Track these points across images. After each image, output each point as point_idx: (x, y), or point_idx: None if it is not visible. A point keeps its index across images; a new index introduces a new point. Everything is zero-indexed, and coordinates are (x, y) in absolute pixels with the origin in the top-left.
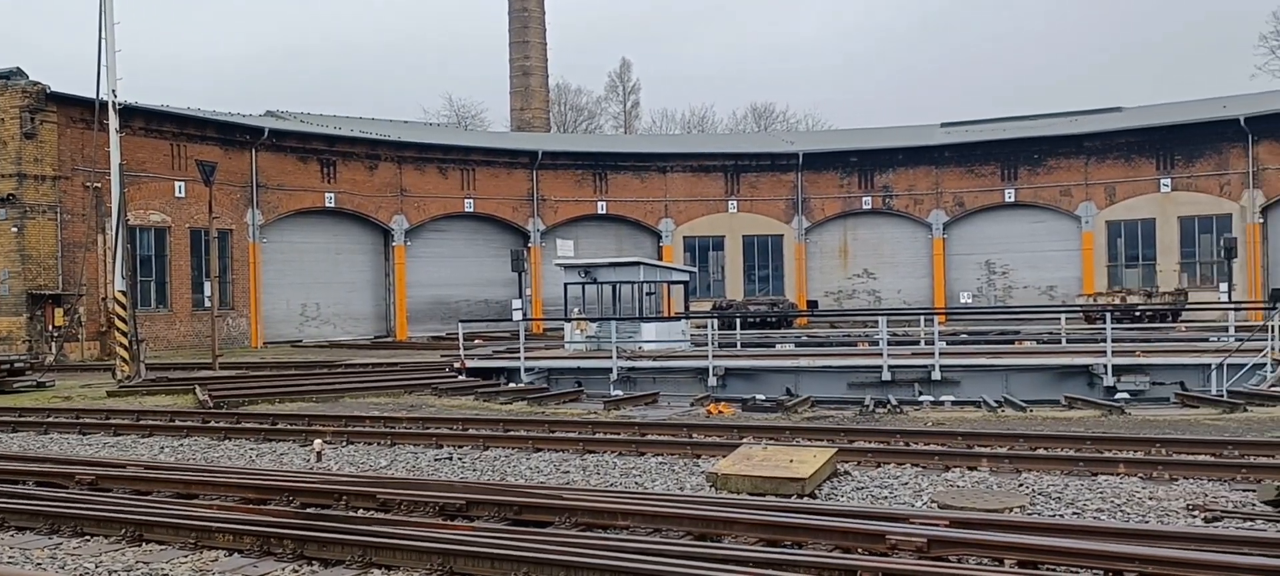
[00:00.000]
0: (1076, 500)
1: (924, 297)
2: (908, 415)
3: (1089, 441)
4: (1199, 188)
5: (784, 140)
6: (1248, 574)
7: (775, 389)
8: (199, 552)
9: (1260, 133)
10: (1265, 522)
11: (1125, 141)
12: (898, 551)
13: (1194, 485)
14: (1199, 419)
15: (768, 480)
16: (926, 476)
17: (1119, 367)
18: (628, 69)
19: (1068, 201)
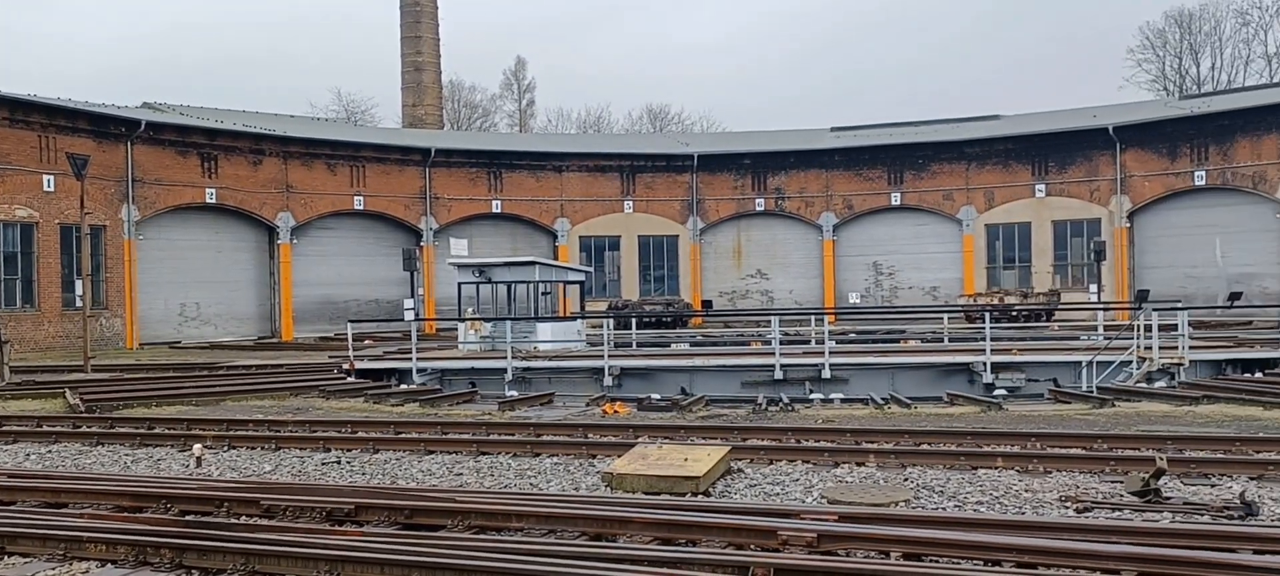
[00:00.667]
0: (958, 493)
1: (815, 298)
2: (799, 413)
3: (970, 436)
4: (1071, 193)
5: (679, 142)
6: (1116, 561)
7: (670, 388)
8: (68, 564)
9: (1127, 141)
10: (1132, 512)
11: (1003, 148)
12: (789, 547)
13: (1067, 477)
14: (1071, 414)
15: (663, 479)
16: (817, 473)
17: (997, 365)
18: (523, 67)
19: (950, 205)
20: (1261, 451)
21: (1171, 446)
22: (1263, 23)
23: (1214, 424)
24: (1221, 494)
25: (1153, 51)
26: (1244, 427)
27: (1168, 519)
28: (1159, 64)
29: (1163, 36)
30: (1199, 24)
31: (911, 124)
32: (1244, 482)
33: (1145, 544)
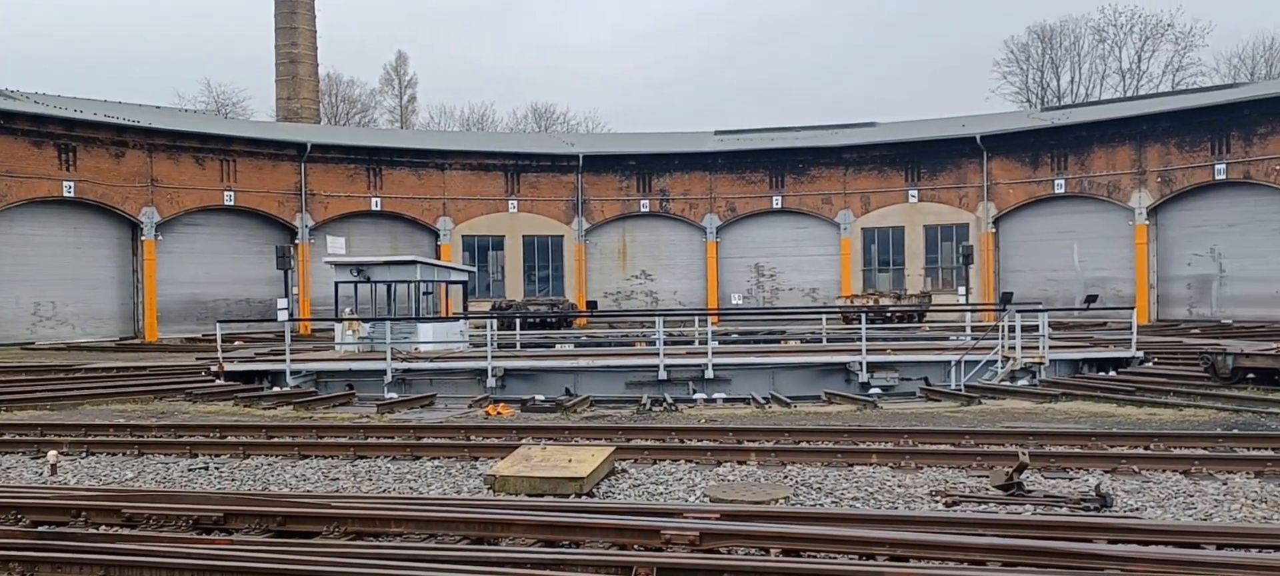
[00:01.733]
0: (835, 489)
1: (698, 298)
2: (682, 413)
3: (846, 434)
4: (941, 199)
5: (565, 142)
6: (982, 552)
7: (555, 389)
8: None
9: (993, 150)
10: (997, 505)
11: (879, 155)
12: (672, 545)
13: (937, 472)
14: (941, 411)
15: (546, 480)
16: (700, 472)
17: (872, 365)
18: (404, 62)
19: (828, 209)
20: (1115, 446)
21: (1033, 442)
22: (1117, 40)
23: (1072, 420)
24: (1079, 487)
25: (1017, 65)
26: (1099, 423)
27: (1030, 511)
28: (1022, 77)
29: (1026, 50)
30: (1059, 39)
31: (792, 129)
32: (1099, 476)
33: (1009, 536)
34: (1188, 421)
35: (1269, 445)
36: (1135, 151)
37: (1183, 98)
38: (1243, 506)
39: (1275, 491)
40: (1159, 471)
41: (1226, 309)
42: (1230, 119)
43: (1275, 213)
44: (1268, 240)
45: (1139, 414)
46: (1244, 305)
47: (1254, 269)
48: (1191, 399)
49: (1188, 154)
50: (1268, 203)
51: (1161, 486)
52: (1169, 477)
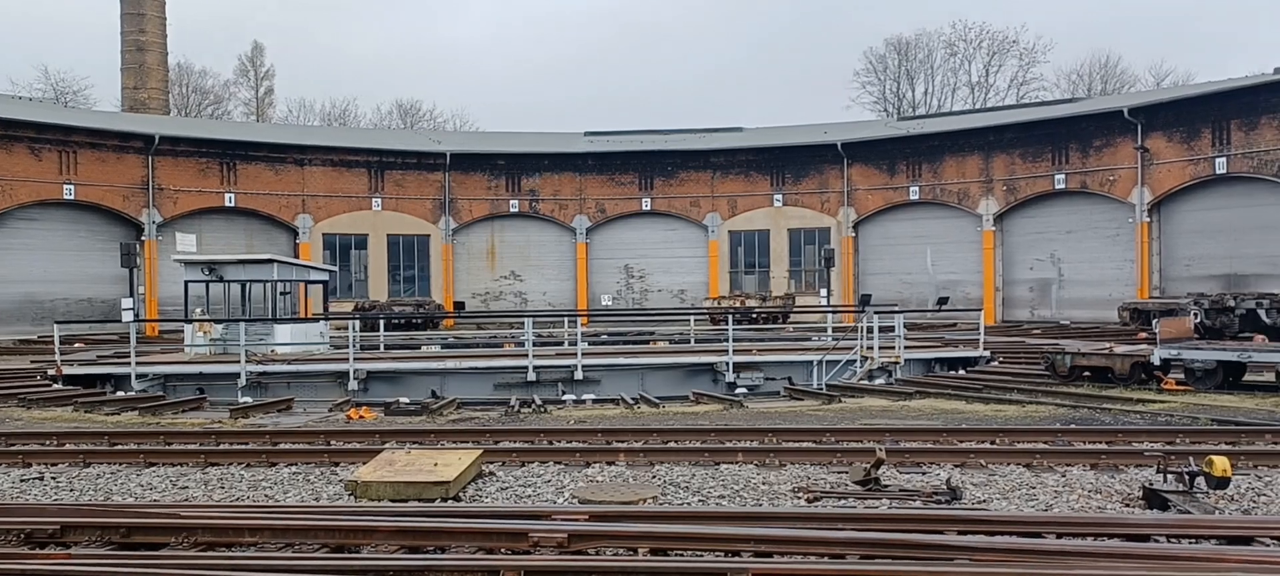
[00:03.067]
0: (702, 488)
1: (568, 299)
2: (551, 414)
3: (713, 433)
4: (805, 203)
5: (432, 139)
6: (842, 546)
7: (420, 392)
8: None
9: (853, 157)
10: (856, 500)
11: (745, 159)
12: (540, 548)
13: (799, 469)
14: (804, 410)
15: (411, 485)
16: (569, 473)
17: (739, 365)
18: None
19: (697, 211)
20: (964, 441)
21: (889, 438)
22: (967, 55)
23: (925, 417)
24: (931, 481)
25: (875, 75)
26: (949, 420)
27: (886, 505)
28: (880, 87)
29: (883, 62)
30: (914, 52)
31: (662, 132)
32: (950, 470)
33: (867, 529)
34: (1030, 417)
35: (1102, 439)
36: (983, 161)
37: (1026, 111)
38: (1079, 496)
39: (1108, 482)
40: (1004, 465)
41: (1065, 310)
42: (1069, 132)
43: (1108, 220)
44: (1101, 246)
45: (986, 410)
46: (1080, 307)
47: (1089, 273)
48: (1033, 396)
49: (1030, 164)
50: (1102, 211)
51: (1006, 479)
52: (1013, 470)
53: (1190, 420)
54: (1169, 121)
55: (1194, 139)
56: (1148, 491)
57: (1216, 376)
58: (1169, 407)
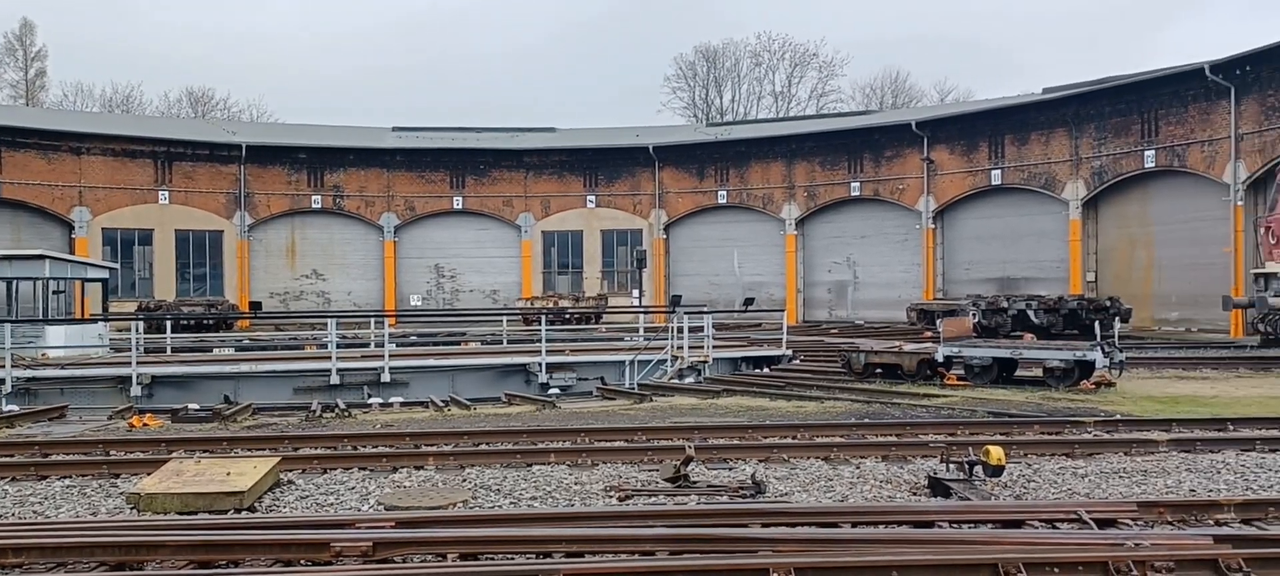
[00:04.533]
0: (514, 490)
1: (375, 300)
2: (356, 418)
3: (525, 434)
4: (618, 205)
5: (226, 130)
6: (652, 542)
7: (212, 397)
8: None
9: (665, 160)
10: (666, 497)
11: (559, 159)
12: (342, 558)
13: (611, 468)
14: (616, 409)
15: (201, 496)
16: (374, 479)
17: (552, 365)
18: (31, 31)
19: (510, 211)
20: (768, 437)
21: (698, 436)
22: (771, 65)
23: (732, 414)
24: (738, 475)
25: (685, 81)
26: (755, 416)
27: (695, 501)
28: (690, 93)
29: (693, 69)
30: (722, 60)
31: (474, 130)
32: (755, 464)
33: (676, 525)
34: (828, 412)
35: (893, 432)
36: (786, 167)
37: (825, 121)
38: (872, 486)
39: (898, 472)
40: (805, 458)
41: (860, 311)
42: (863, 142)
43: (898, 226)
44: (892, 251)
45: (788, 407)
46: (874, 308)
47: (881, 275)
48: (831, 392)
49: (829, 172)
50: (892, 217)
51: (807, 472)
52: (813, 464)
53: (969, 413)
54: (952, 135)
55: (973, 152)
56: (932, 480)
57: (992, 372)
58: (951, 402)
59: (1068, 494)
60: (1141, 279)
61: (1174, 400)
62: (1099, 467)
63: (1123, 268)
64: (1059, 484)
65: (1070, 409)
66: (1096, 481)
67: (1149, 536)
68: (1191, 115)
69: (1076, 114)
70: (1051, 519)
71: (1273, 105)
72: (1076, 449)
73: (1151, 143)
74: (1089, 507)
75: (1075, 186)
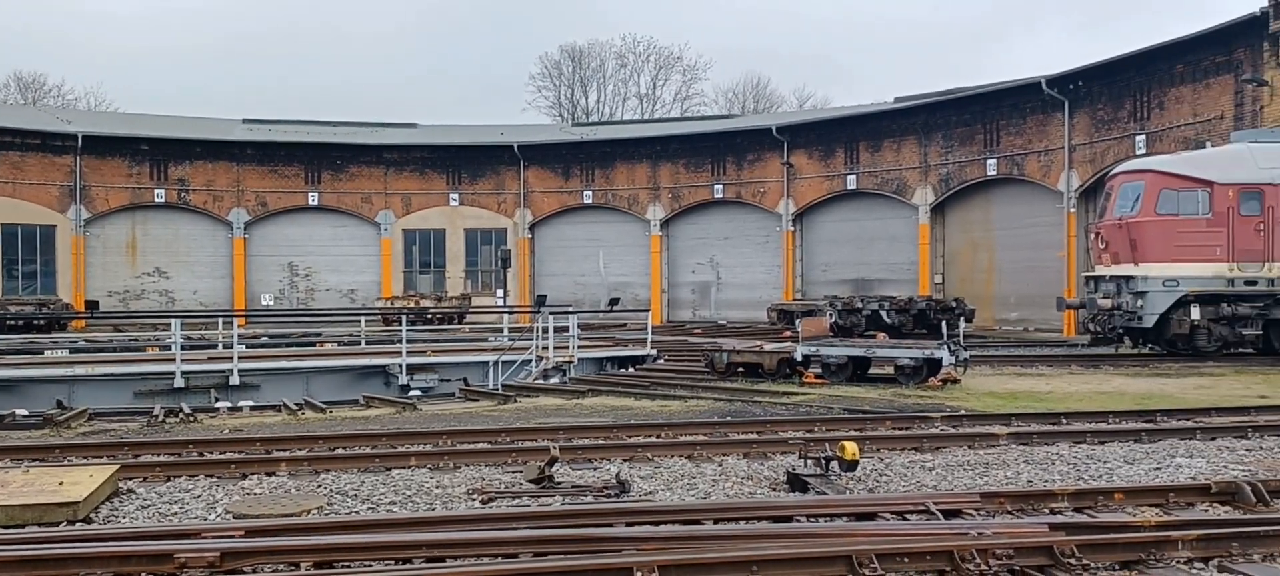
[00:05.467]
0: (372, 496)
1: (224, 299)
2: (203, 423)
3: (385, 438)
4: (482, 204)
5: (59, 118)
6: (515, 545)
7: (43, 402)
8: None
9: (530, 159)
10: (530, 499)
11: (421, 156)
12: (187, 569)
13: (475, 471)
14: (479, 411)
15: (30, 508)
16: (222, 486)
17: (412, 366)
18: None
19: (369, 208)
20: (633, 436)
21: (563, 436)
22: (636, 67)
23: (597, 414)
24: (602, 475)
25: (550, 80)
26: (619, 416)
27: (559, 502)
28: (556, 92)
29: (558, 68)
30: (588, 60)
31: (330, 124)
32: (619, 464)
33: (540, 526)
34: (692, 411)
35: (754, 429)
36: (651, 169)
37: (689, 124)
38: (734, 483)
39: (758, 469)
40: (669, 457)
41: (723, 311)
42: (726, 145)
43: (759, 228)
44: (754, 252)
45: (653, 406)
46: (736, 308)
47: (743, 276)
48: (695, 391)
49: (693, 174)
50: (754, 220)
51: (671, 470)
52: (677, 462)
53: (826, 410)
54: (810, 140)
55: (830, 157)
56: (791, 475)
57: (848, 370)
58: (809, 399)
59: (917, 486)
60: (984, 280)
61: (1013, 396)
62: (945, 461)
63: (967, 270)
64: (909, 477)
65: (919, 405)
66: (943, 474)
67: (991, 525)
68: (1029, 126)
69: (925, 123)
70: (902, 510)
71: (1102, 118)
72: (925, 443)
73: (993, 152)
74: (936, 499)
75: (924, 192)
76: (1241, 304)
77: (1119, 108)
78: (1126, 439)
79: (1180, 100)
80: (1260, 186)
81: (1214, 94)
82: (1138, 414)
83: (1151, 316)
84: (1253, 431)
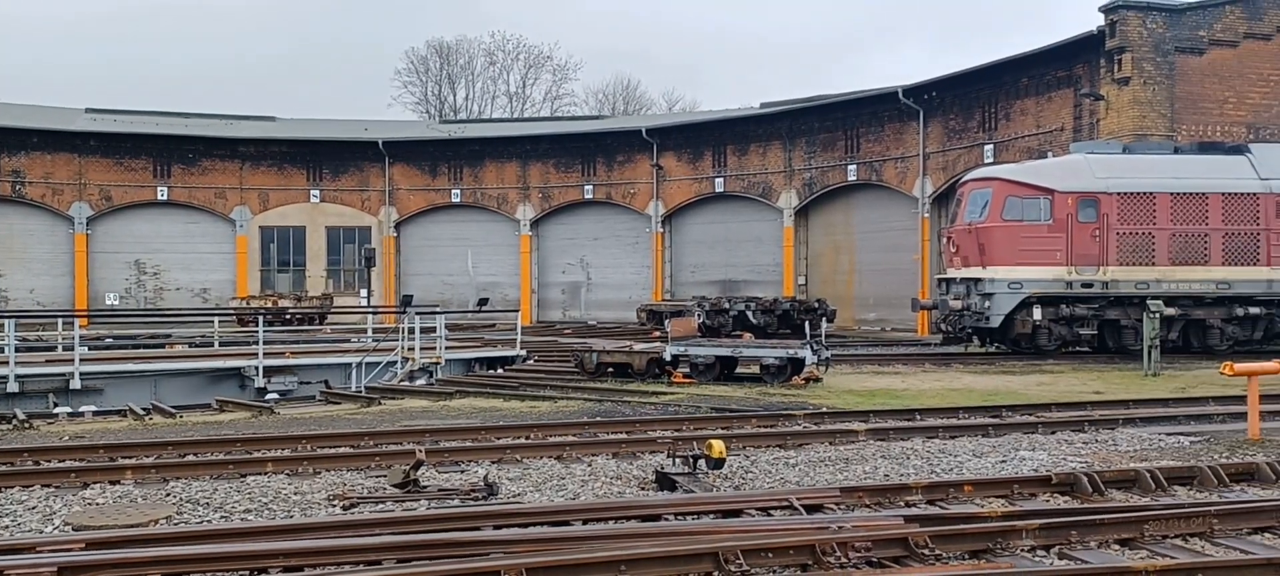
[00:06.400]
0: (226, 504)
1: (64, 298)
2: (40, 430)
3: (240, 443)
4: (344, 200)
5: None
6: (378, 551)
7: None
8: None
9: (395, 156)
10: (394, 503)
11: (279, 150)
12: None
13: (336, 476)
14: (341, 414)
15: None
16: (61, 497)
17: (270, 369)
18: None
19: (223, 204)
20: (501, 438)
21: (429, 438)
22: (505, 65)
23: (464, 416)
24: (470, 478)
25: (417, 76)
26: (488, 417)
27: (425, 506)
28: (422, 88)
29: (425, 63)
30: (456, 57)
31: (182, 115)
32: (488, 466)
33: (404, 532)
34: (562, 411)
35: (623, 429)
36: (521, 168)
37: (560, 124)
38: (603, 484)
39: (628, 468)
40: (538, 458)
41: (593, 311)
42: (597, 146)
43: (629, 229)
44: (624, 253)
45: (522, 407)
46: (606, 308)
47: (613, 277)
48: (565, 392)
49: (563, 174)
50: (624, 221)
51: (540, 471)
52: (546, 463)
53: (695, 409)
54: (680, 143)
55: (699, 160)
56: (659, 475)
57: (715, 369)
58: (678, 398)
59: (781, 483)
60: (845, 282)
61: (872, 393)
62: (808, 457)
63: (829, 271)
64: (774, 473)
65: (783, 403)
66: (806, 470)
67: (850, 519)
68: (887, 134)
69: (790, 128)
70: (766, 507)
71: (954, 127)
72: (789, 440)
73: (854, 158)
74: (799, 495)
75: (789, 196)
76: (1079, 305)
77: (969, 118)
78: (975, 433)
79: (1025, 112)
80: (1096, 195)
81: (1056, 106)
82: (985, 409)
83: (998, 317)
84: (1089, 425)
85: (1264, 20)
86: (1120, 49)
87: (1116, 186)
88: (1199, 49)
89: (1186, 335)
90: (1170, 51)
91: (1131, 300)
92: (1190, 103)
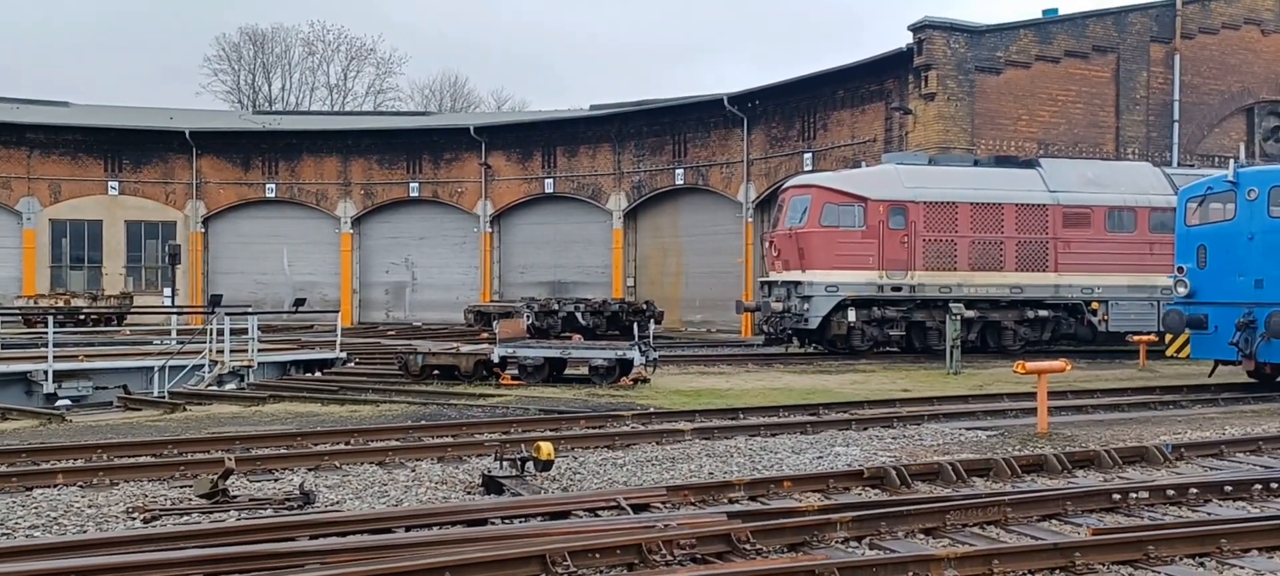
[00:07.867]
0: (8, 519)
1: None
2: None
3: (25, 453)
4: (147, 194)
5: None
6: (183, 565)
7: None
8: None
9: (204, 148)
10: (200, 515)
11: (73, 139)
12: None
13: (135, 487)
14: (142, 420)
15: None
16: None
17: (61, 373)
18: None
19: (8, 195)
20: (319, 444)
21: (240, 445)
22: (326, 56)
23: (279, 421)
24: (284, 487)
25: (228, 64)
26: (304, 423)
27: (234, 517)
28: (234, 77)
29: (238, 51)
30: (271, 45)
31: None
32: (304, 474)
33: (212, 544)
34: (384, 415)
35: (449, 432)
36: (342, 164)
37: (384, 119)
38: (428, 489)
39: (454, 472)
40: (358, 464)
41: (418, 312)
42: (423, 143)
43: (456, 229)
44: (451, 252)
45: (342, 411)
46: (433, 309)
47: (440, 277)
48: (388, 395)
49: (388, 171)
50: (451, 220)
51: (360, 478)
52: (367, 469)
53: (523, 411)
54: (509, 142)
55: (529, 160)
56: (487, 478)
57: (545, 371)
58: (506, 400)
59: (609, 483)
60: (672, 284)
61: (697, 393)
62: (636, 457)
63: (657, 273)
64: (602, 474)
65: (612, 404)
66: (634, 470)
67: (676, 517)
68: (713, 140)
69: (619, 131)
70: (594, 507)
71: (776, 136)
72: (617, 440)
73: (681, 162)
74: (627, 495)
75: (618, 198)
76: (889, 308)
77: (790, 127)
78: (794, 431)
79: (841, 123)
80: (905, 203)
81: (869, 119)
82: (804, 408)
83: (816, 318)
84: (897, 421)
85: (1053, 44)
86: (927, 66)
87: (923, 195)
88: (996, 69)
89: (985, 336)
90: (971, 70)
91: (936, 303)
92: (988, 118)
